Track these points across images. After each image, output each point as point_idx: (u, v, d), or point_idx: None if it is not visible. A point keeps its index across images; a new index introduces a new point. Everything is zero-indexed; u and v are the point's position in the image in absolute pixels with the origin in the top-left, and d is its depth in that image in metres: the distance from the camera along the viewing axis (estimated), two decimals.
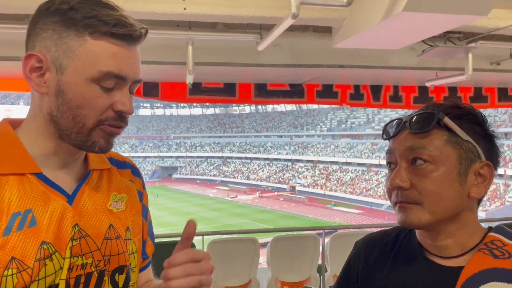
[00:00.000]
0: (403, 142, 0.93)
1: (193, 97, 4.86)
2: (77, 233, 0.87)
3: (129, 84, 0.88)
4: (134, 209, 1.02)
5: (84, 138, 0.87)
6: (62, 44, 0.84)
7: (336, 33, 3.07)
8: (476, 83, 5.36)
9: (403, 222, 0.92)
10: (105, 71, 0.84)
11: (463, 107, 0.95)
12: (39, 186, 0.86)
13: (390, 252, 1.03)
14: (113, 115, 0.87)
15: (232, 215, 38.29)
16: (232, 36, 3.28)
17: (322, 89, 5.11)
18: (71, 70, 0.84)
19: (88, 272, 0.87)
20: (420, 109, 0.96)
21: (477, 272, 0.87)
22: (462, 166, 0.90)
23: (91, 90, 0.84)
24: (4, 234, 0.80)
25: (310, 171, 57.42)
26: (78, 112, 0.85)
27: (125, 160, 1.08)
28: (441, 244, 0.94)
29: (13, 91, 5.61)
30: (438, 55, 3.75)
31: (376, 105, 5.37)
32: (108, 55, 0.84)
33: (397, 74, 4.77)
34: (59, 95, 0.85)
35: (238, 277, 4.10)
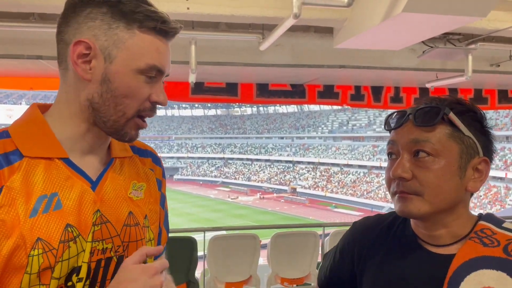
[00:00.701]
0: (406, 134, 0.95)
1: (195, 97, 4.89)
2: (99, 218, 0.90)
3: (163, 77, 0.95)
4: (152, 198, 1.05)
5: (119, 127, 0.92)
6: (112, 34, 0.88)
7: (337, 34, 3.11)
8: (476, 84, 5.39)
9: (402, 211, 0.95)
10: (151, 64, 0.90)
11: (465, 103, 0.98)
12: (65, 171, 0.90)
13: (385, 237, 1.06)
14: (150, 106, 0.93)
15: (233, 216, 38.24)
16: (235, 36, 3.32)
17: (323, 89, 5.15)
18: (119, 60, 0.88)
19: (108, 257, 0.91)
20: (424, 103, 0.98)
21: (468, 260, 0.90)
22: (463, 160, 0.93)
23: (137, 80, 0.90)
24: (31, 216, 0.83)
25: (311, 173, 57.35)
26: (121, 101, 0.90)
27: (147, 148, 1.12)
28: (435, 234, 0.97)
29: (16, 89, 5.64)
30: (438, 56, 3.79)
31: (377, 106, 5.40)
32: (153, 49, 0.90)
33: (397, 75, 4.80)
34: (105, 83, 0.89)
35: (239, 273, 4.13)
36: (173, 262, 1.17)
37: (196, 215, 37.22)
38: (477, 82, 5.19)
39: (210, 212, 39.77)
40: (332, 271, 1.17)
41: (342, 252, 1.15)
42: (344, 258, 1.13)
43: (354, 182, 50.64)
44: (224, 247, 4.14)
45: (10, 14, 2.96)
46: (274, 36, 2.94)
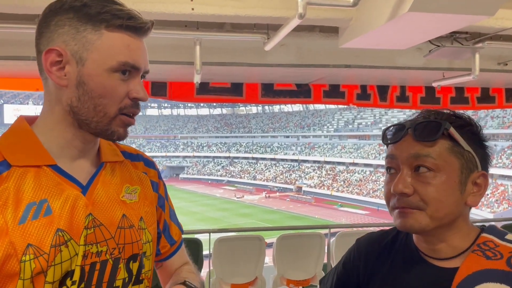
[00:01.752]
0: (406, 149, 0.94)
1: (200, 97, 4.89)
2: (91, 222, 0.91)
3: (141, 73, 0.95)
4: (147, 200, 1.06)
5: (104, 127, 0.92)
6: (80, 38, 0.89)
7: (342, 33, 3.09)
8: (483, 83, 5.34)
9: (403, 226, 0.95)
10: (123, 61, 0.90)
11: (463, 117, 0.97)
12: (54, 177, 0.91)
13: (389, 253, 1.06)
14: (130, 103, 0.93)
15: (238, 215, 38.29)
16: (239, 36, 3.31)
17: (329, 89, 5.12)
18: (90, 62, 0.89)
19: (103, 260, 0.92)
20: (422, 117, 0.98)
21: (471, 274, 0.89)
22: (463, 175, 0.93)
23: (111, 79, 0.90)
24: (20, 223, 0.85)
25: (316, 172, 57.27)
26: (99, 102, 0.90)
27: (138, 153, 1.13)
28: (436, 248, 0.97)
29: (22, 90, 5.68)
30: (445, 55, 3.75)
31: (383, 105, 5.37)
32: (123, 46, 0.91)
33: (403, 74, 4.77)
34: (80, 86, 0.90)
35: (245, 275, 4.13)
36: None
37: (201, 214, 37.31)
38: (484, 81, 5.14)
39: (215, 211, 39.85)
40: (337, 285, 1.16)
41: (346, 268, 1.14)
42: (349, 275, 1.12)
43: (360, 180, 50.50)
44: (229, 248, 4.13)
45: (15, 16, 2.97)
46: (279, 36, 2.93)
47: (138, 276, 0.98)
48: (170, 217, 1.16)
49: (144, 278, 1.00)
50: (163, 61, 3.81)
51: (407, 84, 5.33)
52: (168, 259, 1.17)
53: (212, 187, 59.03)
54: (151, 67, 1.00)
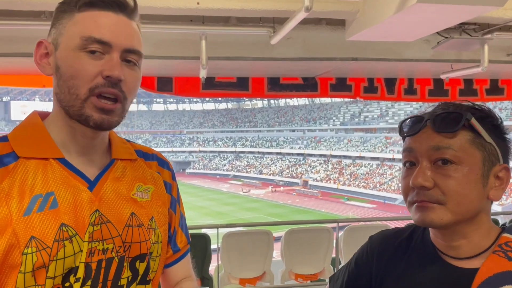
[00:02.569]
0: (426, 141, 0.91)
1: (206, 92, 4.87)
2: (98, 218, 0.90)
3: (118, 51, 0.89)
4: (160, 200, 1.04)
5: (78, 112, 0.89)
6: (58, 25, 0.91)
7: (349, 26, 3.06)
8: (492, 75, 5.28)
9: (422, 221, 0.91)
10: (86, 36, 0.87)
11: (483, 109, 0.94)
12: (61, 171, 0.91)
13: (404, 251, 1.02)
14: (102, 82, 0.88)
15: (245, 209, 38.38)
16: (245, 30, 3.29)
17: (335, 82, 5.09)
18: (62, 45, 0.90)
19: (109, 257, 0.90)
20: (441, 108, 0.94)
21: (492, 276, 0.86)
22: (485, 168, 0.90)
23: (79, 58, 0.88)
24: (25, 214, 0.84)
25: (323, 166, 57.19)
26: (71, 83, 0.88)
27: (153, 152, 1.11)
28: (455, 245, 0.94)
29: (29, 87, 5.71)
30: (453, 47, 3.70)
31: (391, 98, 5.32)
32: (90, 22, 0.88)
33: (411, 67, 4.72)
34: (57, 71, 0.91)
35: (253, 269, 4.14)
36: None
37: (208, 209, 37.44)
38: (493, 73, 5.09)
39: (222, 206, 39.98)
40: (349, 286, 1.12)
41: (358, 266, 1.10)
42: (361, 273, 1.09)
43: (366, 174, 50.38)
44: (237, 243, 4.14)
45: (21, 12, 2.97)
46: (285, 30, 2.90)
47: (145, 276, 0.96)
48: (179, 222, 1.12)
49: (151, 279, 0.99)
50: (169, 56, 3.80)
51: (415, 77, 5.29)
52: (169, 267, 1.11)
53: (218, 182, 59.18)
54: (156, 62, 0.98)
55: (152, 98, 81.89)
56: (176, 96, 5.50)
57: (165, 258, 1.08)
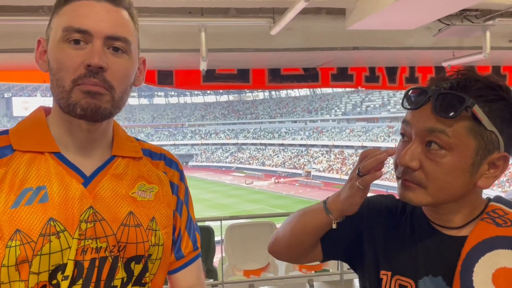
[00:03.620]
0: (423, 120, 0.87)
1: (207, 84, 4.86)
2: (92, 215, 0.88)
3: (100, 39, 0.86)
4: (164, 201, 1.00)
5: (66, 102, 0.87)
6: (50, 23, 0.91)
7: (349, 15, 3.04)
8: (494, 61, 5.25)
9: (403, 198, 0.92)
10: (66, 26, 0.86)
11: (498, 89, 0.87)
12: (56, 165, 0.89)
13: (397, 218, 1.03)
14: (84, 72, 0.85)
15: (248, 201, 38.49)
16: (245, 21, 3.26)
17: (337, 72, 5.06)
18: (51, 40, 0.90)
19: (102, 257, 0.88)
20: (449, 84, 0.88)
21: (481, 241, 0.88)
22: (478, 157, 0.87)
23: (62, 50, 0.87)
24: (12, 207, 0.83)
25: (325, 156, 57.20)
26: (58, 76, 0.87)
27: (161, 152, 1.07)
28: (443, 218, 0.95)
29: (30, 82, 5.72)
30: (455, 34, 3.67)
31: (392, 87, 5.30)
32: (72, 12, 0.87)
33: (413, 55, 4.69)
34: (49, 67, 0.90)
35: (257, 261, 4.15)
36: None
37: (212, 201, 37.56)
38: (495, 59, 5.05)
39: (225, 198, 40.09)
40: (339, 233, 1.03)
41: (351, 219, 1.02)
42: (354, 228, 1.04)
43: None
44: (241, 235, 4.15)
45: (19, 8, 2.95)
46: (285, 20, 2.88)
47: (141, 278, 0.93)
48: (186, 226, 1.06)
49: (147, 282, 0.95)
50: (169, 49, 3.78)
51: (416, 65, 5.26)
52: (173, 274, 1.06)
53: (221, 174, 59.31)
54: (156, 56, 0.96)
55: (153, 92, 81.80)
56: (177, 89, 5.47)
57: (169, 263, 1.03)
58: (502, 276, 0.84)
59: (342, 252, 1.10)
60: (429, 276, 0.92)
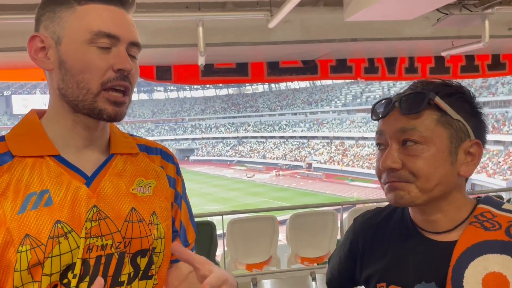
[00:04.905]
0: (393, 124, 0.93)
1: (206, 79, 4.85)
2: (96, 214, 0.89)
3: (125, 44, 0.90)
4: (162, 195, 1.02)
5: (90, 106, 0.89)
6: (56, 18, 0.90)
7: (347, 6, 3.02)
8: (493, 50, 5.23)
9: (394, 200, 0.94)
10: (96, 30, 0.87)
11: (452, 85, 0.95)
12: (56, 168, 0.90)
13: (385, 230, 1.05)
14: (115, 75, 0.89)
15: (250, 194, 38.57)
16: (242, 15, 3.25)
17: (335, 64, 5.05)
18: (67, 39, 0.89)
19: (109, 253, 0.89)
20: (409, 88, 0.96)
21: (470, 246, 0.88)
22: (453, 145, 0.91)
23: (89, 52, 0.87)
24: (19, 213, 0.84)
25: (326, 148, 57.21)
26: (81, 78, 0.88)
27: (157, 146, 1.09)
28: (432, 219, 0.96)
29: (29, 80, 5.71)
30: (454, 23, 3.66)
31: (392, 78, 5.29)
32: (96, 17, 0.88)
33: (411, 45, 4.68)
34: (62, 66, 0.89)
35: (259, 255, 4.17)
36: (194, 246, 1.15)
37: (213, 195, 37.65)
38: (495, 48, 5.03)
39: (227, 191, 40.17)
40: (341, 270, 1.16)
41: (346, 248, 1.13)
42: (349, 253, 1.12)
43: (370, 154, 50.40)
44: (243, 229, 4.16)
45: (15, 6, 2.94)
46: (282, 13, 2.87)
47: (147, 271, 0.95)
48: (189, 218, 1.11)
49: (154, 274, 0.97)
50: (166, 44, 3.77)
51: (415, 55, 5.24)
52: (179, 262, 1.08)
53: (222, 168, 59.36)
54: (154, 51, 0.97)
55: (153, 87, 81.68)
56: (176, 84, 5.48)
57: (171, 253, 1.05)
58: (491, 281, 0.84)
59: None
60: (422, 283, 0.93)
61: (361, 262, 1.07)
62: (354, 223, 1.14)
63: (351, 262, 1.10)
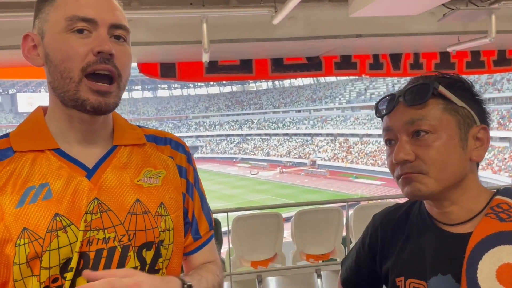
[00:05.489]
0: (400, 117, 0.94)
1: (210, 76, 4.85)
2: (97, 207, 0.88)
3: (105, 27, 0.88)
4: (172, 185, 1.00)
5: (73, 96, 0.87)
6: (40, 14, 0.91)
7: (352, 2, 3.00)
8: (500, 45, 5.19)
9: (410, 193, 0.94)
10: (70, 15, 0.86)
11: (451, 76, 0.97)
12: (56, 161, 0.90)
13: (404, 225, 1.05)
14: (94, 59, 0.86)
15: (254, 191, 38.61)
16: (246, 11, 3.24)
17: (340, 60, 5.03)
18: (48, 32, 0.89)
19: (111, 247, 0.88)
20: (411, 82, 0.97)
21: (485, 237, 0.88)
22: (462, 131, 0.92)
23: (66, 40, 0.86)
24: (17, 206, 0.84)
25: (330, 145, 57.11)
26: (63, 67, 0.87)
27: (166, 136, 1.07)
28: (447, 211, 0.96)
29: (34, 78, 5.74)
30: (460, 18, 3.62)
31: (396, 74, 5.27)
32: (72, 3, 0.88)
33: (417, 41, 4.65)
34: (47, 59, 0.89)
35: (264, 252, 4.16)
36: None
37: (218, 192, 37.71)
38: (501, 43, 4.99)
39: (232, 189, 40.24)
40: (359, 267, 1.17)
41: (365, 244, 1.14)
42: (368, 251, 1.13)
43: (374, 151, 50.28)
44: (248, 226, 4.16)
45: (18, 4, 2.94)
46: (287, 9, 2.85)
47: (153, 265, 0.93)
48: (202, 209, 1.08)
49: (161, 268, 0.95)
50: (170, 41, 3.76)
51: (420, 51, 5.21)
52: (191, 255, 1.07)
53: (226, 165, 59.43)
54: (158, 49, 0.95)
55: (157, 84, 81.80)
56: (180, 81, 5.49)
57: (184, 245, 1.04)
58: (506, 272, 0.84)
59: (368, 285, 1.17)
60: (438, 275, 0.93)
61: (380, 257, 1.08)
62: (373, 219, 1.15)
63: (370, 258, 1.11)
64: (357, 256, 1.16)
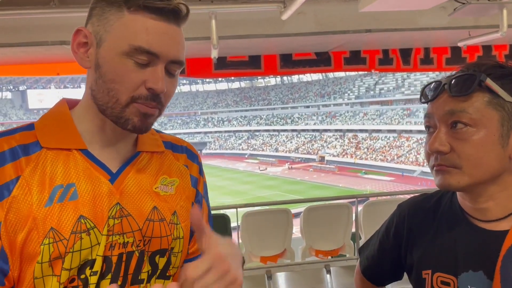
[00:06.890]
0: (442, 106, 0.90)
1: (218, 72, 4.85)
2: (119, 211, 0.88)
3: (164, 63, 0.86)
4: (184, 194, 1.01)
5: (118, 114, 0.87)
6: (103, 19, 0.86)
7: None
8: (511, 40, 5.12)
9: (441, 185, 0.91)
10: (136, 45, 0.83)
11: (506, 66, 0.91)
12: (83, 162, 0.89)
13: (433, 217, 1.02)
14: (146, 93, 0.85)
15: (262, 187, 38.64)
16: (255, 7, 3.23)
17: (349, 55, 5.00)
18: (107, 44, 0.85)
19: (130, 251, 0.89)
20: (460, 71, 0.92)
21: None
22: (504, 128, 0.87)
23: (124, 64, 0.84)
24: (46, 205, 0.83)
25: (339, 140, 56.91)
26: (111, 87, 0.85)
27: (182, 144, 1.07)
28: (482, 207, 0.92)
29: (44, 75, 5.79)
30: (471, 12, 3.57)
31: (406, 69, 5.22)
32: (141, 30, 0.84)
33: (427, 36, 4.60)
34: (97, 69, 0.87)
35: (273, 247, 4.17)
36: None
37: (227, 188, 37.82)
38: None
39: (240, 184, 40.31)
40: (382, 255, 1.14)
41: (389, 234, 1.11)
42: (392, 240, 1.10)
43: (383, 147, 50.01)
44: (257, 222, 4.17)
45: (31, 1, 2.96)
46: (296, 4, 2.84)
47: (165, 271, 0.94)
48: (208, 219, 1.09)
49: (172, 275, 0.96)
50: None
51: (431, 46, 5.16)
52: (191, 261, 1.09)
53: (235, 161, 59.52)
54: None
55: None
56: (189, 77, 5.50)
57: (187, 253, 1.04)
58: None
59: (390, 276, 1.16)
60: (469, 271, 0.91)
61: (406, 247, 1.06)
62: (399, 208, 1.12)
63: (395, 248, 1.09)
64: (380, 244, 1.14)
